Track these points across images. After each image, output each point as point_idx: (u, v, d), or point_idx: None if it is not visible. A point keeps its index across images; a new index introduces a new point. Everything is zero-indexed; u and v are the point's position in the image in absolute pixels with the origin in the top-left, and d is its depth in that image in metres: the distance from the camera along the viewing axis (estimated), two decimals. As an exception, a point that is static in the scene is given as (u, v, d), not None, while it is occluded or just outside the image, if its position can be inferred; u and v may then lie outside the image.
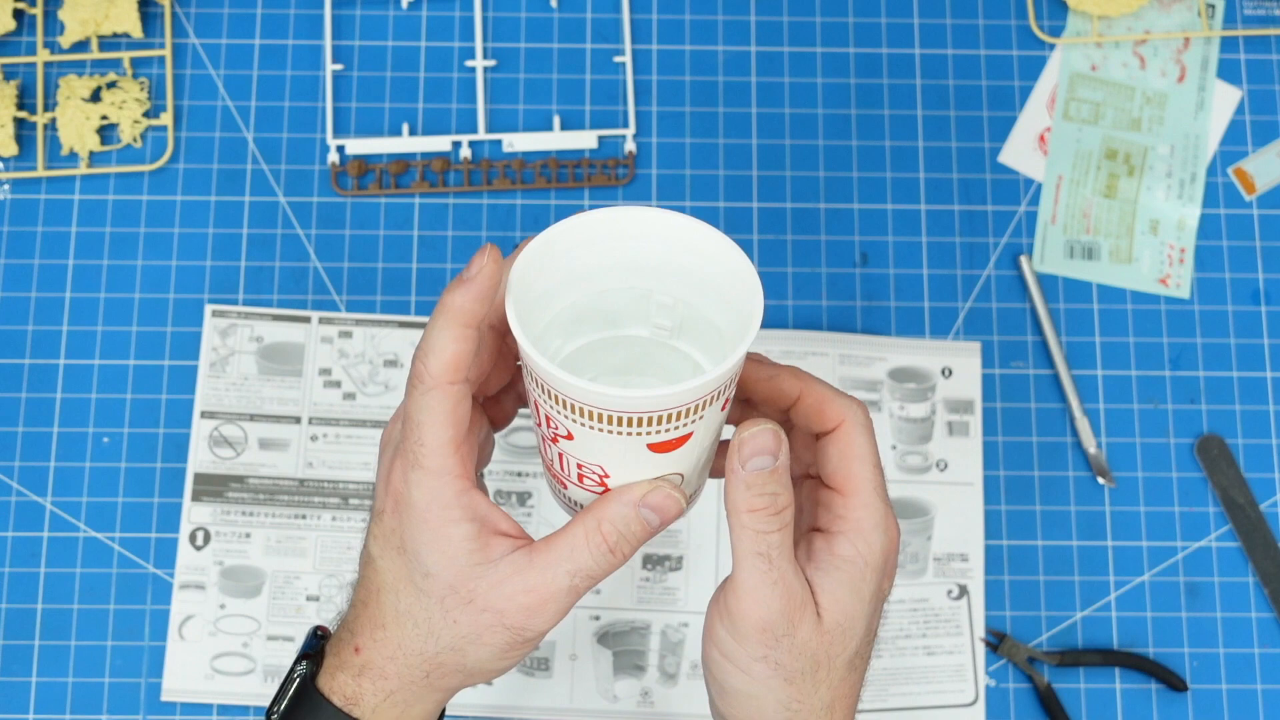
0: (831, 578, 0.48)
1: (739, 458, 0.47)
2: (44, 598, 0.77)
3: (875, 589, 0.49)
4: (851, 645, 0.49)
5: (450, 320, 0.45)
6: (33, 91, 0.83)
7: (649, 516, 0.48)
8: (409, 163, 0.82)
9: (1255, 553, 0.78)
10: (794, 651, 0.48)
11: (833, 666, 0.49)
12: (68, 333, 0.80)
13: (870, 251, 0.82)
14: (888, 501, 0.50)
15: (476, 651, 0.48)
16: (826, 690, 0.49)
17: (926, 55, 0.85)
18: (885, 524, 0.49)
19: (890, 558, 0.50)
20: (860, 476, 0.49)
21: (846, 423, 0.49)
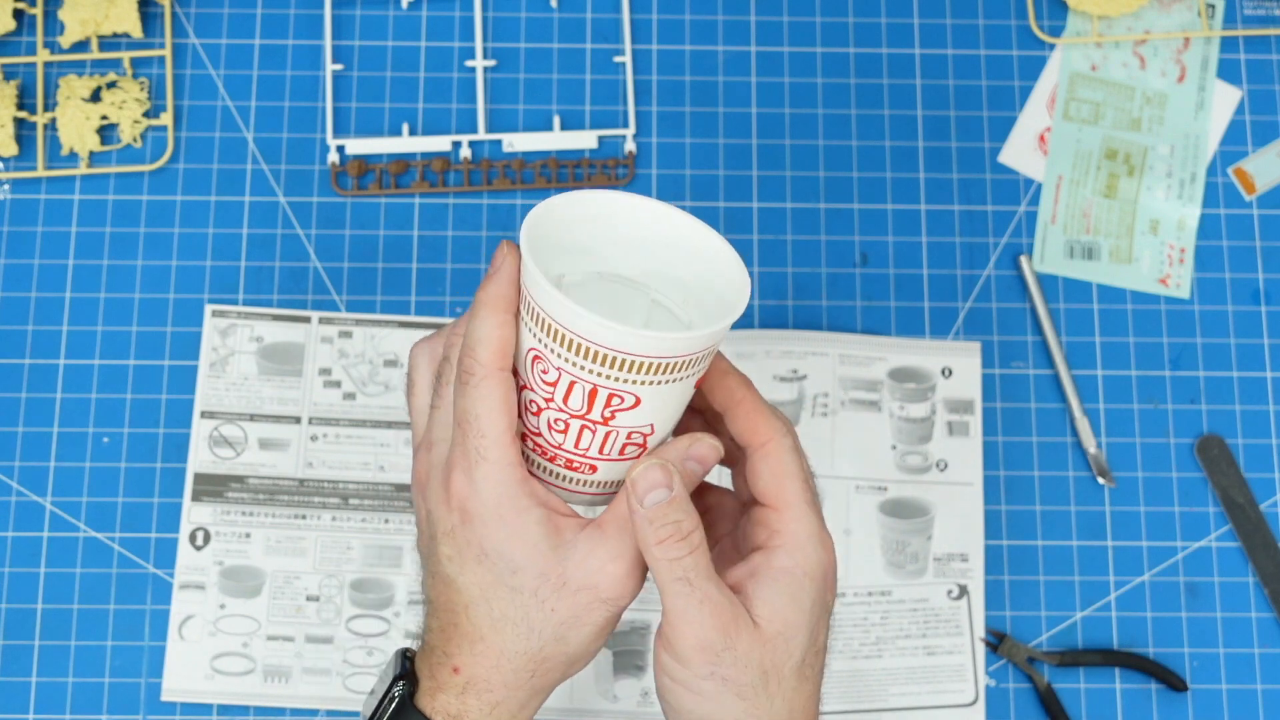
0: (769, 588, 0.50)
1: (635, 495, 0.49)
2: (44, 598, 0.77)
3: (815, 598, 0.51)
4: (796, 653, 0.50)
5: (491, 309, 0.48)
6: (33, 91, 0.83)
7: (694, 468, 0.51)
8: (409, 163, 0.82)
9: (1255, 553, 0.78)
10: (738, 664, 0.49)
11: (781, 676, 0.50)
12: (67, 333, 0.80)
13: (870, 251, 0.82)
14: (820, 516, 0.52)
15: (577, 634, 0.50)
16: (781, 701, 0.50)
17: (926, 55, 0.85)
18: (819, 536, 0.51)
19: (829, 570, 0.52)
20: (791, 491, 0.51)
21: (773, 442, 0.51)
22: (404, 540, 0.77)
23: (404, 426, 0.78)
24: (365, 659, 0.76)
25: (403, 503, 0.78)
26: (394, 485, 0.78)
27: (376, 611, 0.77)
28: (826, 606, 0.52)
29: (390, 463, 0.78)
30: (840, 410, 0.79)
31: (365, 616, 0.77)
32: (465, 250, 0.81)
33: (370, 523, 0.77)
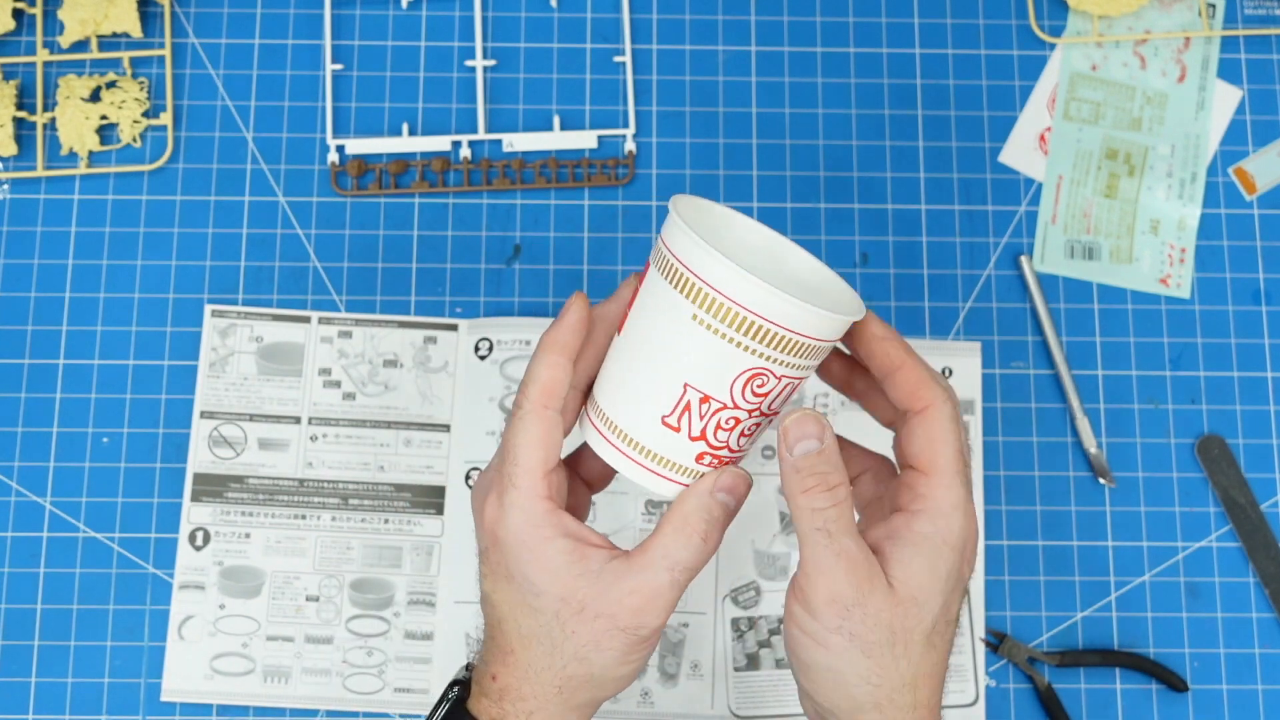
0: (907, 551, 0.50)
1: (785, 444, 0.50)
2: (43, 598, 0.77)
3: (952, 569, 0.51)
4: (927, 619, 0.50)
5: (545, 350, 0.51)
6: (32, 91, 0.83)
7: (724, 499, 0.52)
8: (409, 162, 0.82)
9: (1256, 553, 0.78)
10: (867, 622, 0.49)
11: (910, 640, 0.50)
12: (67, 333, 0.80)
13: (870, 251, 0.82)
14: (969, 488, 0.52)
15: (599, 658, 0.51)
16: (907, 665, 0.50)
17: (926, 55, 0.85)
18: (965, 507, 0.51)
19: (969, 541, 0.52)
20: (943, 458, 0.51)
21: (934, 407, 0.52)
22: (403, 540, 0.77)
23: (403, 427, 0.78)
24: (365, 659, 0.76)
25: (402, 503, 0.78)
26: (394, 485, 0.78)
27: (376, 612, 0.77)
28: (962, 578, 0.52)
29: (390, 463, 0.78)
30: (840, 410, 0.79)
31: (365, 617, 0.77)
32: (465, 250, 0.81)
33: (370, 523, 0.77)
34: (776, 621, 0.76)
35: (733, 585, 0.77)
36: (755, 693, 0.76)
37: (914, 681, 0.50)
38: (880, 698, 0.50)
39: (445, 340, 0.79)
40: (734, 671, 0.76)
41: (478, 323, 0.80)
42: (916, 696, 0.51)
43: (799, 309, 0.48)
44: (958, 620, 0.53)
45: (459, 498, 0.77)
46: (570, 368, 0.52)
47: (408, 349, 0.79)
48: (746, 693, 0.76)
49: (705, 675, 0.76)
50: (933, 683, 0.51)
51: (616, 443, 0.52)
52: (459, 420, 0.78)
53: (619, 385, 0.52)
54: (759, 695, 0.76)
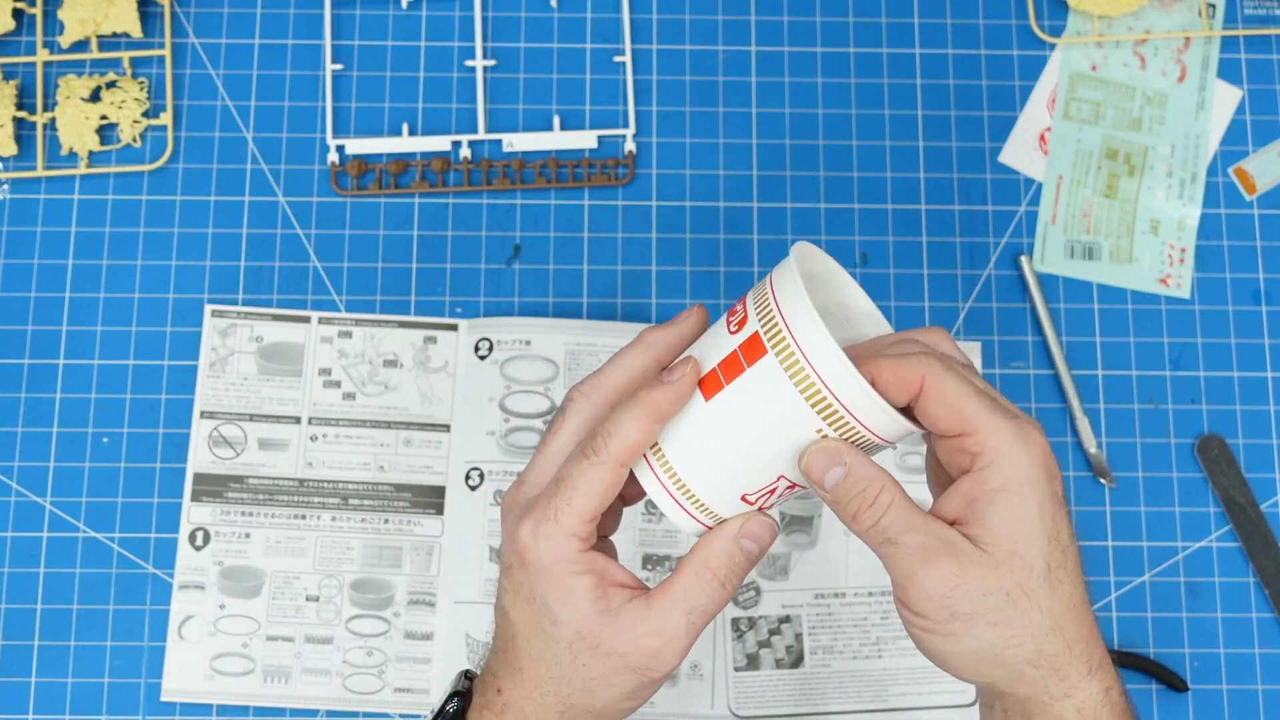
0: (989, 511, 0.49)
1: (814, 482, 0.50)
2: (43, 598, 0.77)
3: (1041, 502, 0.49)
4: (1038, 564, 0.49)
5: (642, 410, 0.50)
6: (32, 91, 0.83)
7: (748, 546, 0.51)
8: (409, 163, 0.82)
9: (1256, 553, 0.78)
10: (973, 598, 0.49)
11: (1028, 590, 0.49)
12: (67, 333, 0.80)
13: (870, 251, 0.82)
14: (1012, 412, 0.50)
15: (605, 692, 0.52)
16: (1039, 615, 0.49)
17: (926, 55, 0.85)
18: (1021, 436, 0.49)
19: (1043, 462, 0.49)
20: (969, 411, 0.49)
21: (926, 380, 0.50)
22: (403, 541, 0.77)
23: (403, 427, 0.78)
24: (365, 659, 0.76)
25: (402, 503, 0.78)
26: (394, 485, 0.78)
27: (376, 612, 0.77)
28: (1057, 499, 0.50)
29: (390, 463, 0.78)
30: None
31: (365, 617, 0.77)
32: (465, 250, 0.81)
33: (370, 523, 0.77)
34: (777, 621, 0.76)
35: (733, 585, 0.77)
36: (755, 693, 0.76)
37: (1055, 625, 0.49)
38: (1029, 654, 0.49)
39: (445, 340, 0.79)
40: (734, 671, 0.76)
41: (478, 323, 0.80)
42: (1066, 637, 0.49)
43: (899, 425, 0.49)
44: (1073, 538, 0.50)
45: (459, 498, 0.77)
46: (658, 433, 0.51)
47: (408, 349, 0.79)
48: (746, 693, 0.76)
49: (705, 675, 0.76)
50: (1075, 615, 0.50)
51: (682, 502, 0.51)
52: (459, 420, 0.78)
53: (707, 464, 0.50)
54: (759, 695, 0.76)
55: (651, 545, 0.77)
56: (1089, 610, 0.50)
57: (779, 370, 0.48)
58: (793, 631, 0.76)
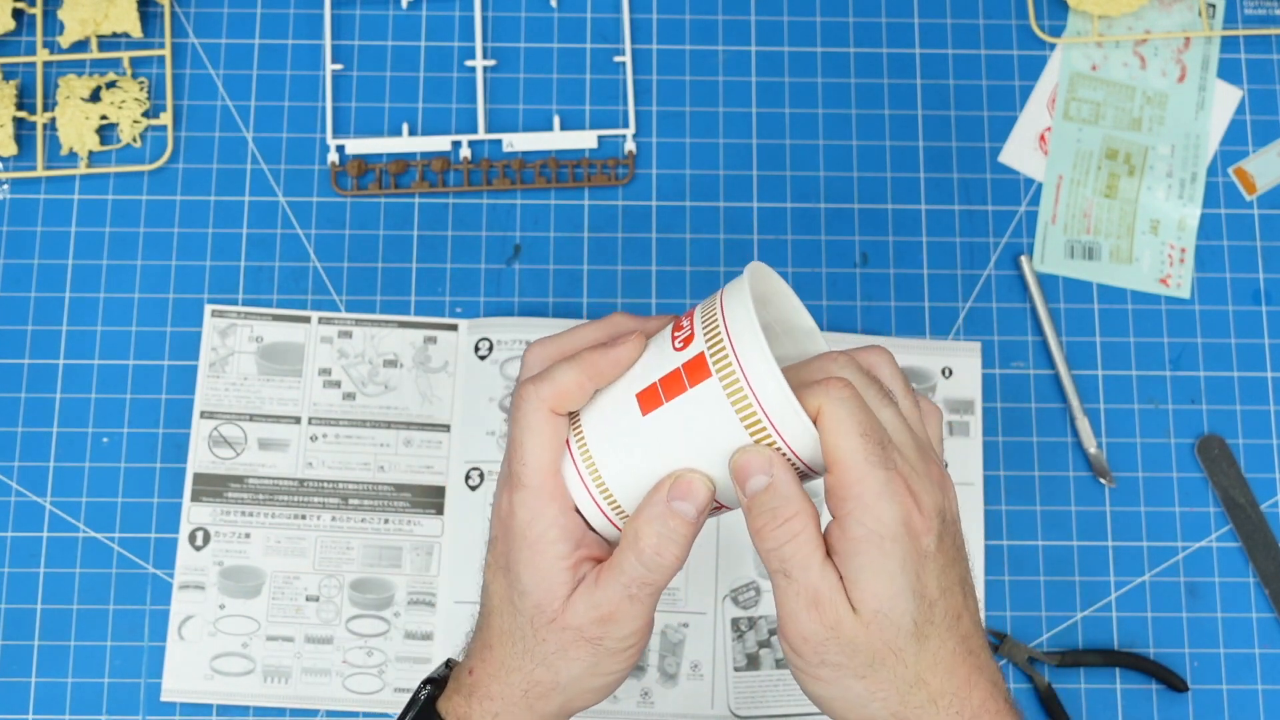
0: (853, 564, 0.48)
1: (737, 483, 0.49)
2: (43, 598, 0.77)
3: (904, 558, 0.48)
4: (904, 622, 0.48)
5: (582, 367, 0.50)
6: (32, 91, 0.83)
7: (682, 508, 0.50)
8: (409, 162, 0.82)
9: (1256, 553, 0.78)
10: (845, 651, 0.48)
11: (895, 649, 0.48)
12: (67, 333, 0.80)
13: (870, 251, 0.82)
14: (891, 465, 0.48)
15: (566, 667, 0.51)
16: (904, 670, 0.49)
17: (926, 55, 0.85)
18: (889, 489, 0.48)
19: (908, 519, 0.48)
20: (844, 451, 0.48)
21: (822, 406, 0.48)
22: (403, 540, 0.77)
23: (403, 427, 0.78)
24: (365, 659, 0.76)
25: (402, 503, 0.78)
26: (394, 485, 0.78)
27: (376, 612, 0.77)
28: (921, 553, 0.48)
29: (390, 463, 0.78)
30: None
31: (365, 617, 0.77)
32: (465, 250, 0.81)
33: (370, 523, 0.77)
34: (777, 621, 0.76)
35: (733, 585, 0.77)
36: (755, 693, 0.76)
37: (920, 679, 0.49)
38: (894, 707, 0.49)
39: (445, 340, 0.80)
40: (734, 671, 0.76)
41: (478, 323, 0.80)
42: (931, 691, 0.49)
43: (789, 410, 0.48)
44: (951, 588, 0.49)
45: (459, 498, 0.77)
46: (590, 387, 0.51)
47: (408, 349, 0.79)
48: (746, 693, 0.76)
49: (705, 675, 0.76)
50: (944, 669, 0.49)
51: (604, 506, 0.51)
52: (459, 420, 0.78)
53: (633, 472, 0.50)
54: (759, 695, 0.76)
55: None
56: (965, 659, 0.50)
57: (721, 396, 0.48)
58: (793, 631, 0.76)
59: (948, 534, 0.49)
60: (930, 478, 0.49)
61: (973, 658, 0.50)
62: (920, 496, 0.48)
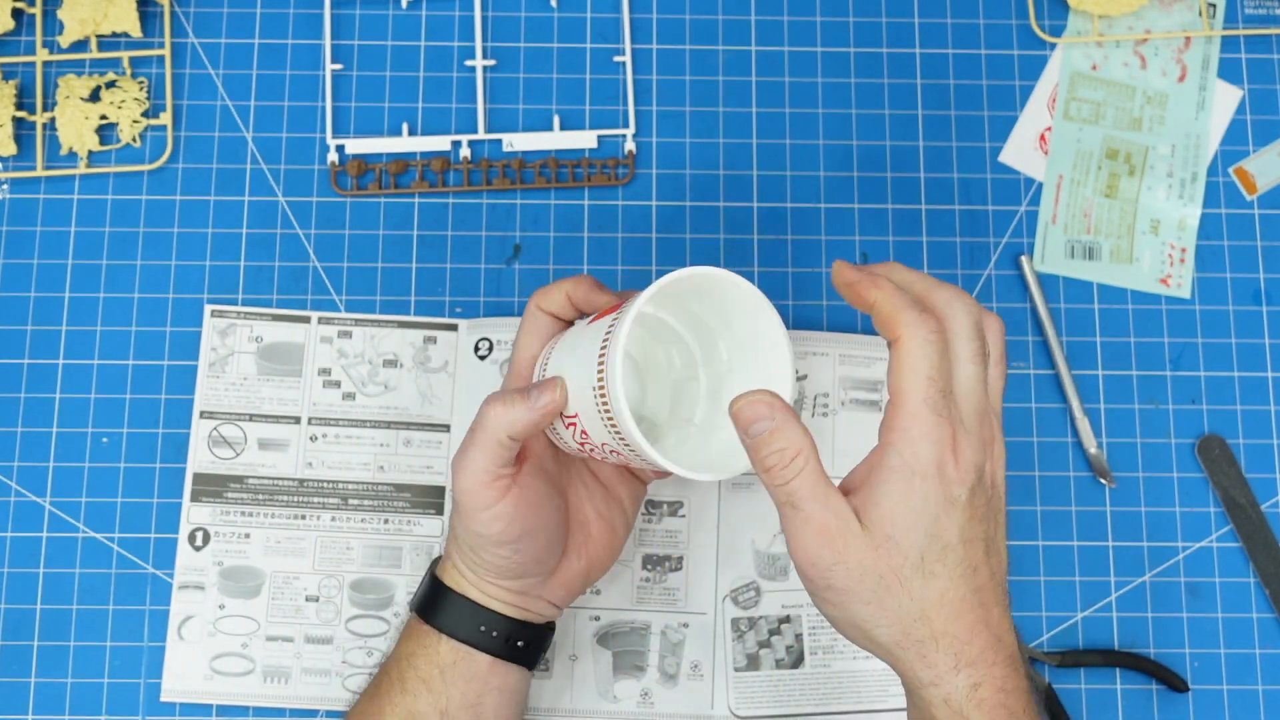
0: (879, 490, 0.52)
1: (741, 427, 0.53)
2: (43, 598, 0.77)
3: (928, 496, 0.51)
4: (912, 553, 0.51)
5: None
6: (32, 91, 0.83)
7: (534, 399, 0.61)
8: (409, 162, 0.82)
9: (1256, 553, 0.78)
10: (851, 574, 0.52)
11: (902, 577, 0.52)
12: (66, 333, 0.80)
13: (870, 251, 0.82)
14: (945, 413, 0.52)
15: (458, 526, 0.63)
16: (909, 601, 0.52)
17: (926, 55, 0.85)
18: (934, 434, 0.51)
19: (941, 465, 0.51)
20: (909, 386, 0.52)
21: (903, 337, 0.52)
22: (403, 540, 0.77)
23: (403, 427, 0.78)
24: (365, 659, 0.76)
25: (402, 503, 0.78)
26: (393, 485, 0.78)
27: (376, 612, 0.76)
28: (950, 500, 0.52)
29: (390, 463, 0.78)
30: (840, 410, 0.79)
31: (365, 617, 0.76)
32: (465, 250, 0.81)
33: (370, 523, 0.77)
34: (776, 621, 0.76)
35: (733, 585, 0.77)
36: (755, 693, 0.76)
37: (924, 614, 0.52)
38: (896, 636, 0.52)
39: (445, 340, 0.79)
40: (734, 671, 0.76)
41: (478, 323, 0.80)
42: (933, 628, 0.52)
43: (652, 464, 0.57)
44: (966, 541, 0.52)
45: (459, 498, 0.78)
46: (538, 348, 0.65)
47: (408, 349, 0.79)
48: (746, 693, 0.76)
49: (705, 675, 0.76)
50: (949, 610, 0.52)
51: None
52: (459, 420, 0.78)
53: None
54: (759, 695, 0.76)
55: (651, 545, 0.77)
56: (974, 609, 0.52)
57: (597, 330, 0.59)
58: (793, 631, 0.76)
59: (981, 492, 0.53)
60: (980, 437, 0.53)
61: (983, 610, 0.52)
62: (962, 449, 0.52)
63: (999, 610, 0.53)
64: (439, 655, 0.64)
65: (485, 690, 0.64)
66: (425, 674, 0.64)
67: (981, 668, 0.52)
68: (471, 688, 0.64)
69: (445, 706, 0.63)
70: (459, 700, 0.63)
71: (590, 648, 0.76)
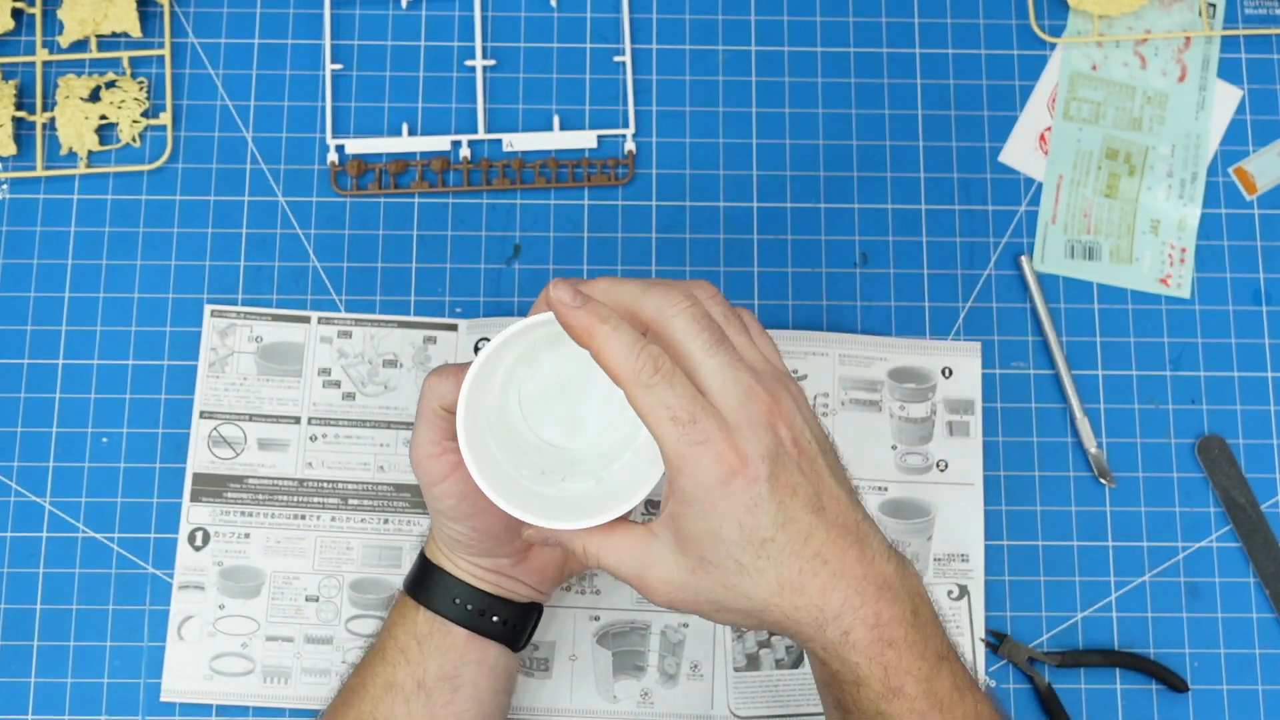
0: (681, 522, 0.54)
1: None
2: (43, 598, 0.77)
3: (724, 514, 0.52)
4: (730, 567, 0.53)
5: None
6: (31, 91, 0.83)
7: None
8: (408, 162, 0.82)
9: (1256, 553, 0.78)
10: (689, 595, 0.55)
11: (729, 586, 0.53)
12: (66, 333, 0.80)
13: (870, 251, 0.82)
14: (704, 439, 0.51)
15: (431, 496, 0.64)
16: (749, 600, 0.53)
17: (926, 55, 0.85)
18: (706, 457, 0.51)
19: (729, 478, 0.51)
20: (659, 437, 0.52)
21: (633, 396, 0.53)
22: (403, 540, 0.77)
23: (403, 427, 0.78)
24: (365, 659, 0.76)
25: (402, 503, 0.78)
26: (393, 485, 0.78)
27: (376, 612, 0.76)
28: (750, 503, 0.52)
29: (390, 463, 0.78)
30: (840, 410, 0.79)
31: (365, 617, 0.76)
32: (465, 250, 0.81)
33: (370, 523, 0.77)
34: (776, 622, 0.76)
35: (733, 585, 0.77)
36: (755, 693, 0.76)
37: (766, 605, 0.53)
38: (754, 624, 0.55)
39: (445, 340, 0.79)
40: (734, 671, 0.76)
41: (477, 323, 0.80)
42: (784, 609, 0.53)
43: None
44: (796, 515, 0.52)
45: (459, 498, 0.77)
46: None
47: (407, 349, 0.79)
48: (746, 693, 0.76)
49: (705, 675, 0.76)
50: (791, 590, 0.52)
51: None
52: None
53: None
54: (759, 695, 0.76)
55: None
56: (817, 573, 0.53)
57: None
58: (793, 632, 0.76)
59: (786, 463, 0.52)
60: (754, 423, 0.52)
61: (826, 568, 0.53)
62: (744, 448, 0.51)
63: (853, 550, 0.53)
64: (416, 626, 0.65)
65: (462, 663, 0.65)
66: (404, 644, 0.65)
67: (847, 615, 0.53)
68: (448, 659, 0.64)
69: (422, 677, 0.64)
70: (435, 671, 0.64)
71: (590, 648, 0.76)
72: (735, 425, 0.52)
